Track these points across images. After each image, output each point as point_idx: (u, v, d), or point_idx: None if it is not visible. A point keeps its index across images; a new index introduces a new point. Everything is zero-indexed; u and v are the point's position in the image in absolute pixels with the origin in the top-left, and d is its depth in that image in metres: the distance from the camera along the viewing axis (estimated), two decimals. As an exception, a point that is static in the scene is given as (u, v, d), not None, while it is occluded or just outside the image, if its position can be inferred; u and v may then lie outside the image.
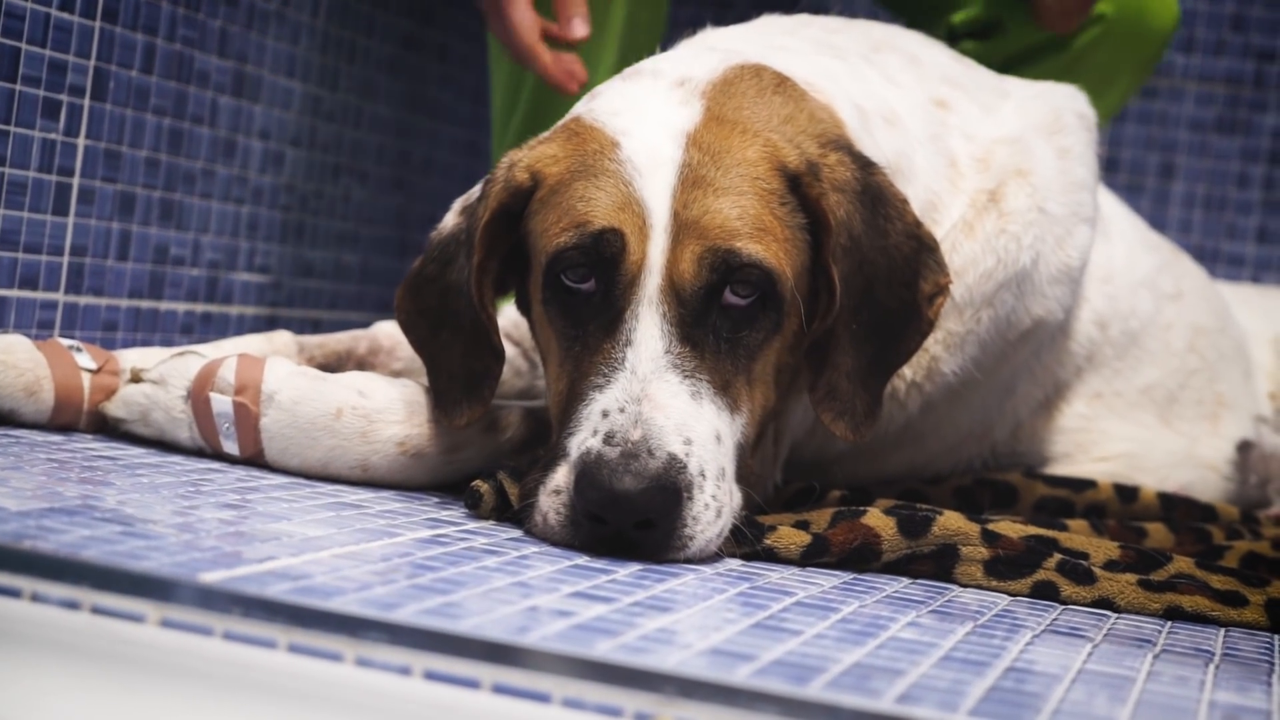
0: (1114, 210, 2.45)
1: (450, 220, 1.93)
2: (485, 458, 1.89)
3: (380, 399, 1.86)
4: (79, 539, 1.31)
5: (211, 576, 1.24)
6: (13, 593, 1.22)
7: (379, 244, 3.28)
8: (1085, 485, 2.17)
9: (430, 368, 1.90)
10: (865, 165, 1.83)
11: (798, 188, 1.77)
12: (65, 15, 2.30)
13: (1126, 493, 2.18)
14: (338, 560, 1.39)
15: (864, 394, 1.80)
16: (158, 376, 1.92)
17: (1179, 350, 2.44)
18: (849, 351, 1.79)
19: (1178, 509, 2.19)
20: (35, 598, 1.21)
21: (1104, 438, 2.33)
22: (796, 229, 1.77)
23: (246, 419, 1.86)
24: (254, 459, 1.87)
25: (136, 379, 1.94)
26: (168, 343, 2.59)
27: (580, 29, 2.34)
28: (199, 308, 2.70)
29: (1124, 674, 1.37)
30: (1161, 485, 2.34)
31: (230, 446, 1.87)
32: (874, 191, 1.82)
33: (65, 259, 2.37)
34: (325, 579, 1.30)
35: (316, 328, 3.00)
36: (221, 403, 1.86)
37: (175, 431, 1.91)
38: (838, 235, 1.77)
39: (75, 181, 2.37)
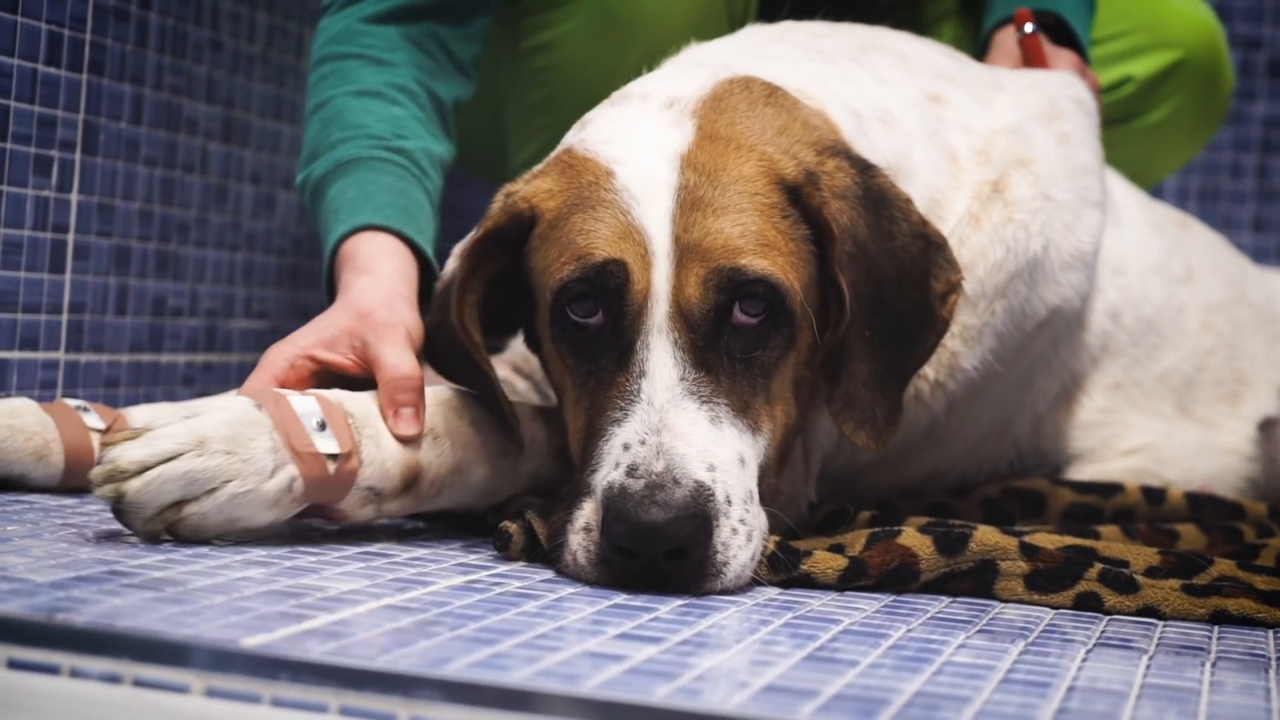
0: (1120, 193, 2.42)
1: (450, 265, 1.90)
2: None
3: None
4: (111, 608, 1.28)
5: (254, 641, 1.21)
6: (51, 669, 1.18)
7: (374, 282, 3.25)
8: (1113, 490, 2.14)
9: None
10: (865, 168, 1.80)
11: (798, 199, 1.74)
12: (52, 70, 2.27)
13: (1154, 494, 2.15)
14: (376, 615, 1.36)
15: (883, 401, 1.78)
16: (221, 443, 1.61)
17: (1193, 332, 2.42)
18: (864, 359, 1.76)
19: (1205, 508, 2.16)
20: (74, 673, 1.18)
21: (1126, 430, 2.31)
22: (800, 241, 1.74)
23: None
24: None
25: (128, 471, 1.58)
26: (170, 396, 2.56)
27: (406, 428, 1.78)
28: (199, 358, 2.67)
29: (1186, 686, 1.34)
30: (1186, 477, 2.31)
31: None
32: (876, 194, 1.79)
33: (64, 317, 2.34)
34: (367, 635, 1.27)
35: (316, 371, 2.96)
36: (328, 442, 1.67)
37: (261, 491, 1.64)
38: (842, 243, 1.74)
39: (70, 238, 2.34)
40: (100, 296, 2.41)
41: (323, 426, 1.68)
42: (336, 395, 1.73)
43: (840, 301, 1.74)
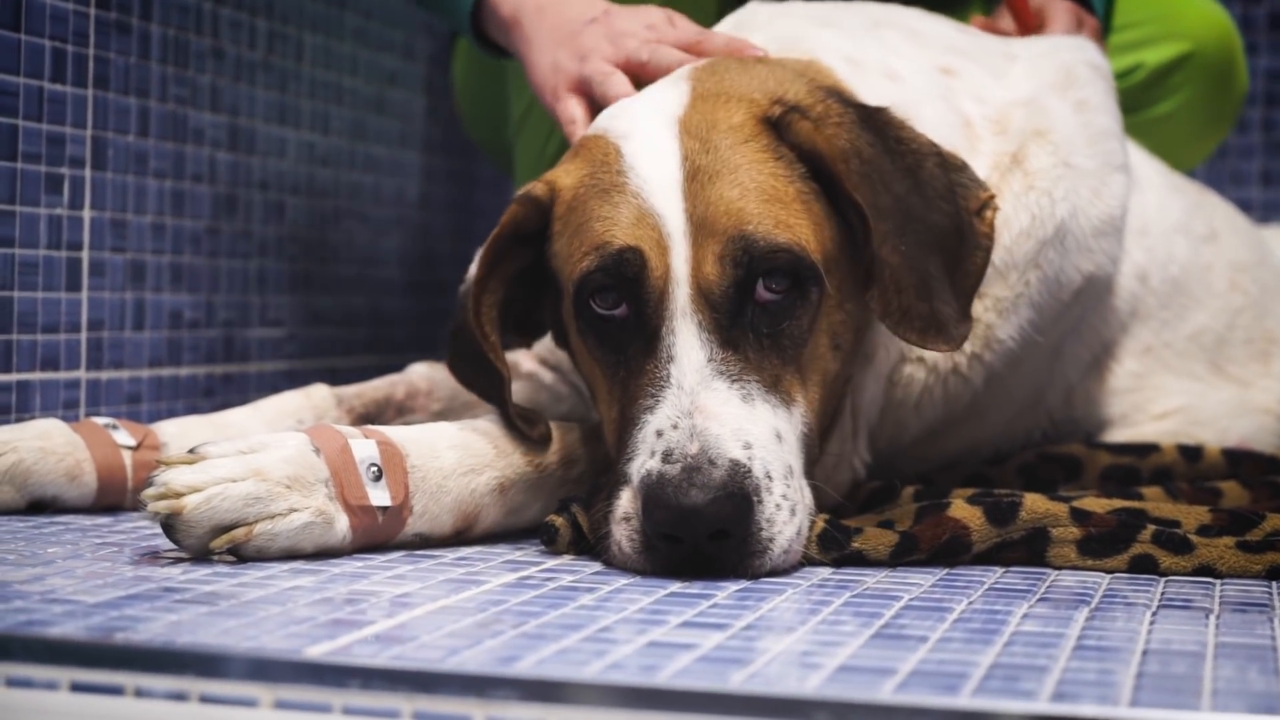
0: (1137, 156, 2.40)
1: (473, 270, 1.88)
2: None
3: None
4: (169, 625, 1.26)
5: (318, 650, 1.19)
6: (115, 690, 1.17)
7: (385, 285, 3.23)
8: (1149, 450, 2.12)
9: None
10: (860, 104, 1.79)
11: (786, 133, 1.72)
12: (58, 87, 2.24)
13: (1191, 453, 2.13)
14: (436, 617, 1.34)
15: (944, 304, 1.71)
16: (286, 476, 1.59)
17: (1221, 290, 2.39)
18: (909, 273, 1.70)
19: (1244, 464, 2.14)
20: (139, 693, 1.16)
21: (1159, 394, 2.29)
22: (802, 181, 1.72)
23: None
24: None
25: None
26: (191, 409, 2.54)
27: None
28: (218, 369, 2.65)
29: (1259, 643, 1.32)
30: (1222, 437, 2.29)
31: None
32: (878, 119, 1.78)
33: (83, 335, 2.32)
34: (430, 638, 1.25)
35: (333, 377, 2.94)
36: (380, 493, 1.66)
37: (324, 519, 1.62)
38: (847, 163, 1.71)
39: (85, 255, 2.31)
40: (117, 312, 2.39)
41: (379, 475, 1.65)
42: (401, 438, 1.70)
43: (865, 222, 1.71)
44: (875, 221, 1.70)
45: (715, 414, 1.59)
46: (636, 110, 1.78)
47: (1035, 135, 2.02)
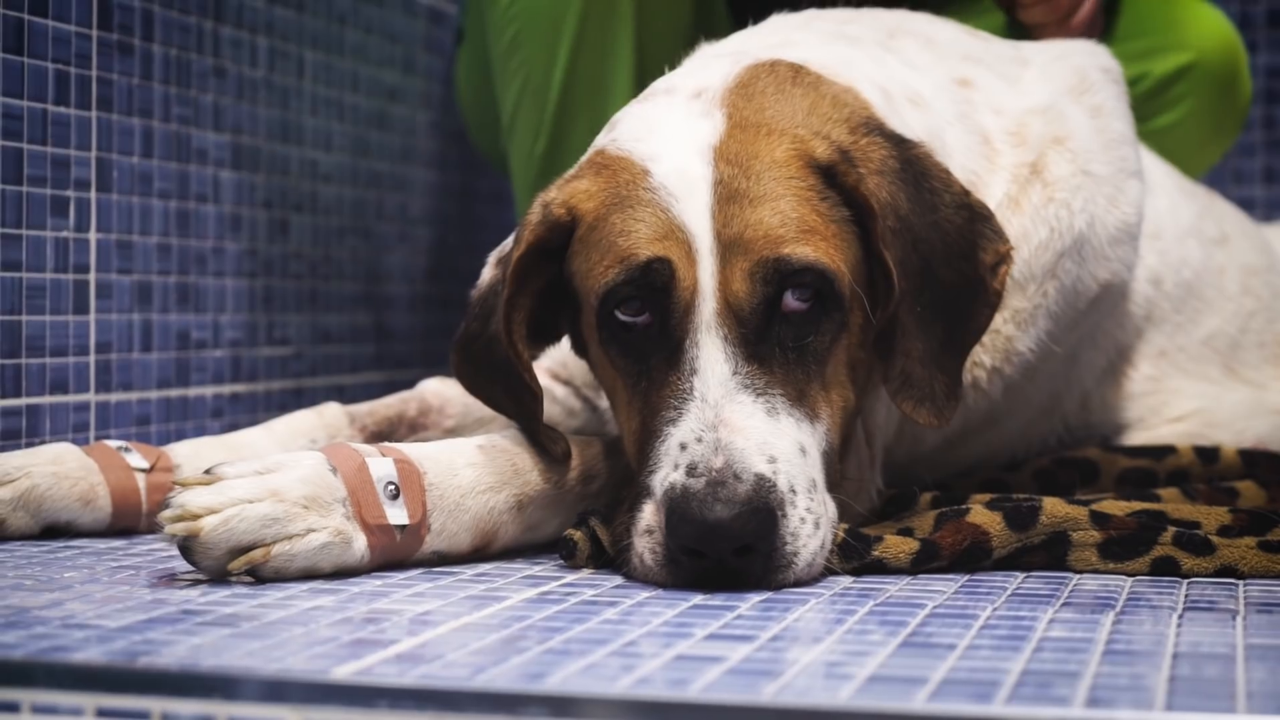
0: (1148, 159, 2.39)
1: (487, 274, 1.87)
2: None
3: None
4: (192, 648, 1.25)
5: (344, 670, 1.18)
6: (141, 715, 1.16)
7: (390, 301, 3.23)
8: (1165, 452, 2.12)
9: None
10: (900, 142, 1.77)
11: (834, 179, 1.71)
12: (62, 109, 2.24)
13: (1207, 454, 2.12)
14: (459, 635, 1.33)
15: (941, 376, 1.74)
16: (304, 496, 1.60)
17: (1234, 294, 2.39)
18: (917, 336, 1.73)
19: (1260, 464, 2.14)
20: (165, 718, 1.15)
21: (1175, 397, 2.28)
22: (842, 222, 1.71)
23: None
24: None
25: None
26: (200, 430, 2.53)
27: None
28: (226, 389, 2.64)
29: (1289, 644, 1.32)
30: (1238, 439, 2.29)
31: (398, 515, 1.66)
32: (915, 166, 1.76)
33: (91, 357, 2.31)
34: (456, 656, 1.24)
35: (341, 394, 2.93)
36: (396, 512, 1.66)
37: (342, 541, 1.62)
38: (885, 219, 1.71)
39: (92, 277, 2.31)
40: (125, 334, 2.39)
41: (396, 493, 1.65)
42: (418, 455, 1.69)
43: (888, 279, 1.71)
44: (900, 279, 1.70)
45: (740, 427, 1.59)
46: (666, 136, 1.75)
47: (1054, 142, 2.02)
